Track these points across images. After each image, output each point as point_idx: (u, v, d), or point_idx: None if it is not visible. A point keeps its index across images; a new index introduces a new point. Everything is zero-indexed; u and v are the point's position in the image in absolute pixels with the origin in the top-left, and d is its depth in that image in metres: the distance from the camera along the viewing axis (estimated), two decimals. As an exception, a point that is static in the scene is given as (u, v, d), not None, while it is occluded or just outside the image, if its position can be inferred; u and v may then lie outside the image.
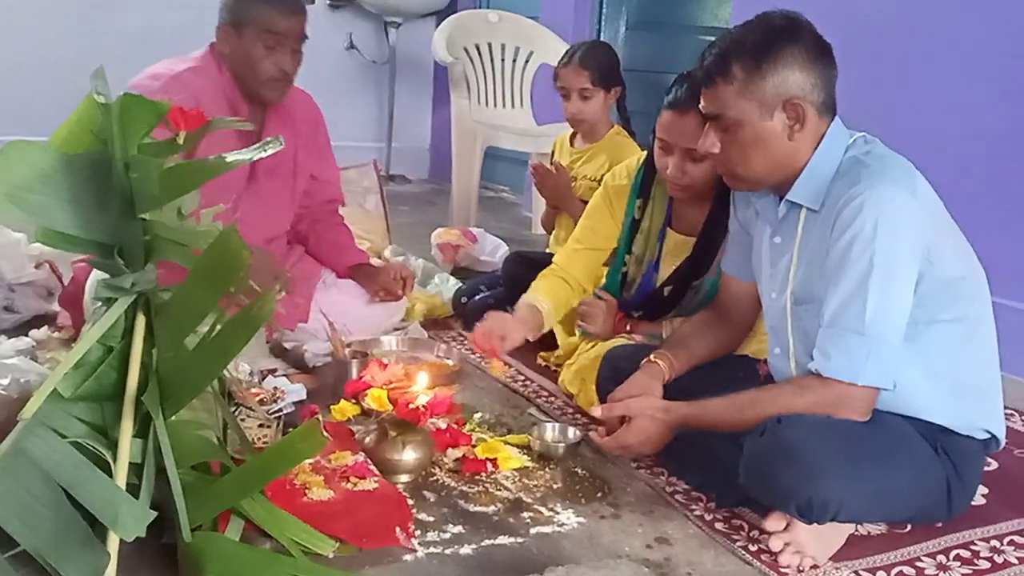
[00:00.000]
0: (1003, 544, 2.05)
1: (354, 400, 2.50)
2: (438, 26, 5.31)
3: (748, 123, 1.93)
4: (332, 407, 2.52)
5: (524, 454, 2.32)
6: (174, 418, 1.76)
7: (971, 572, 1.93)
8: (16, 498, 1.56)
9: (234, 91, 2.75)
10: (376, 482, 2.05)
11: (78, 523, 1.57)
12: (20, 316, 3.03)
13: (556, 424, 2.44)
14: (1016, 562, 1.98)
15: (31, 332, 2.86)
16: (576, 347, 2.83)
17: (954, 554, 1.99)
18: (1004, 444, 2.08)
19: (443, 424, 2.34)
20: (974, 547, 2.02)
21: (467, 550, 1.89)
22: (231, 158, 1.84)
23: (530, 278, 2.85)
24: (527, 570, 1.82)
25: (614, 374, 2.37)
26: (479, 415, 2.56)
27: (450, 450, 2.28)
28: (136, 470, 1.70)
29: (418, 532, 1.93)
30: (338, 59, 6.63)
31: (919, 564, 1.94)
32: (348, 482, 2.04)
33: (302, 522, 1.83)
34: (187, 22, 2.77)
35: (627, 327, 2.69)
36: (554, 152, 3.65)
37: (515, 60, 5.33)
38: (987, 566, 1.96)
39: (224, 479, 1.78)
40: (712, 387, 2.07)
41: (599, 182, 2.86)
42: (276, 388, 2.49)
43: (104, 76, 1.89)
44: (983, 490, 2.22)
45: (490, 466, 2.22)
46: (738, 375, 2.28)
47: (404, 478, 2.15)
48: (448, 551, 1.88)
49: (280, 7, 2.70)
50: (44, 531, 1.55)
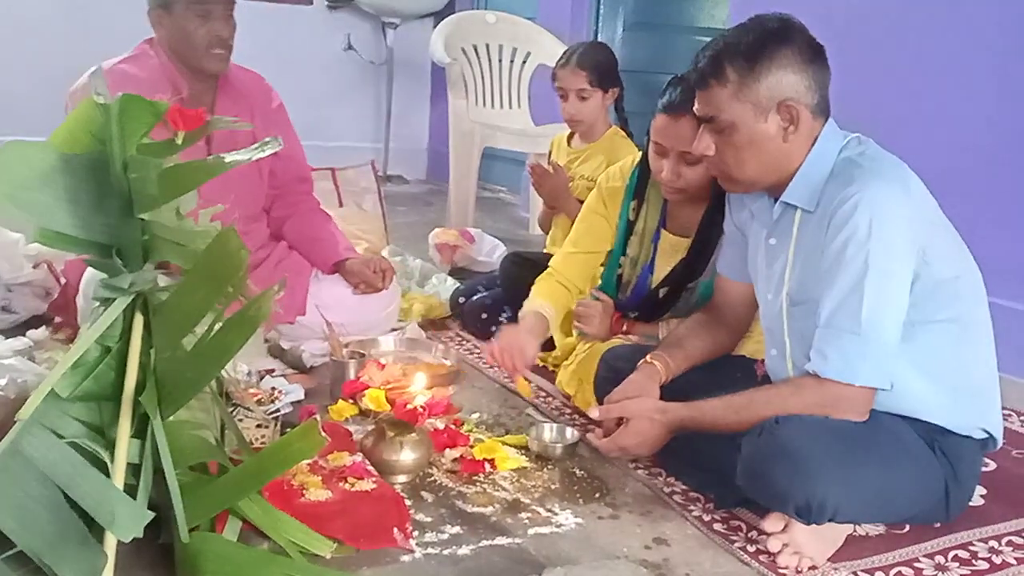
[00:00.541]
0: (1001, 545, 2.05)
1: (352, 400, 2.50)
2: (436, 27, 5.31)
3: (742, 125, 1.93)
4: (330, 407, 2.53)
5: (522, 455, 2.32)
6: (172, 418, 1.76)
7: (969, 573, 1.93)
8: (13, 498, 1.56)
9: (175, 73, 2.76)
10: (374, 482, 2.05)
11: (75, 523, 1.57)
12: (18, 316, 3.03)
13: (554, 425, 2.44)
14: (1015, 563, 1.98)
15: (28, 332, 2.86)
16: (573, 348, 2.82)
17: (952, 555, 1.99)
18: (1002, 444, 2.08)
19: (441, 424, 2.34)
20: (972, 548, 2.02)
21: (465, 551, 1.89)
22: (230, 158, 1.84)
23: (527, 278, 2.84)
24: (525, 571, 1.82)
25: (611, 375, 2.38)
26: (477, 415, 2.56)
27: (448, 451, 2.28)
28: (134, 470, 1.70)
29: (416, 533, 1.93)
30: (336, 60, 6.64)
31: (917, 565, 1.94)
32: (346, 482, 2.04)
33: (299, 523, 1.83)
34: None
35: (624, 328, 2.69)
36: (551, 152, 3.65)
37: (513, 61, 5.33)
38: (985, 567, 1.96)
39: (222, 479, 1.78)
40: (709, 388, 2.07)
41: (596, 182, 2.86)
42: (274, 388, 2.50)
43: (103, 77, 1.89)
44: (981, 491, 2.22)
45: (488, 467, 2.22)
46: (735, 376, 2.28)
47: (402, 478, 2.15)
48: (446, 552, 1.88)
49: None
50: (41, 531, 1.55)
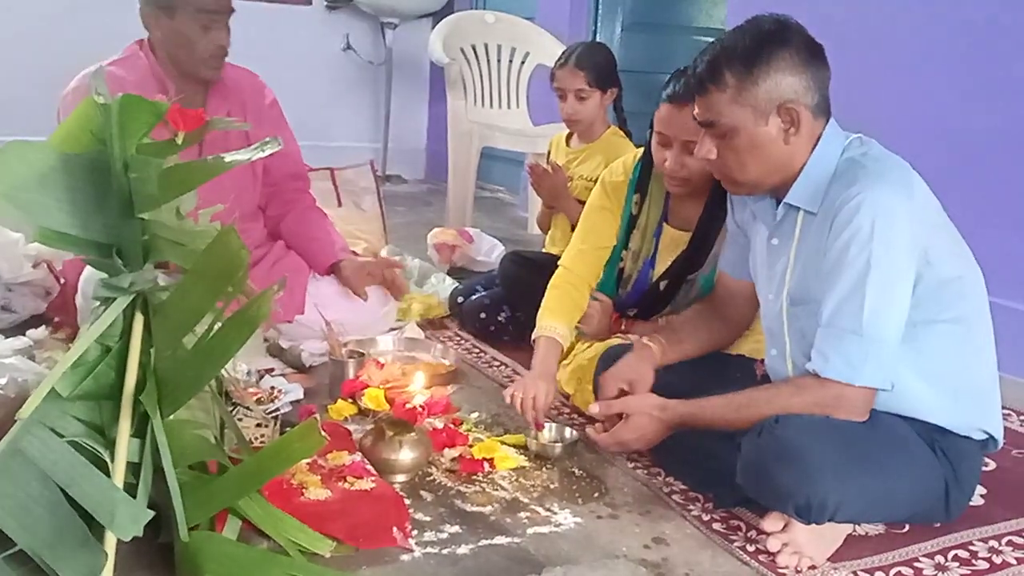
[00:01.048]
0: (1001, 544, 2.05)
1: (351, 400, 2.51)
2: (434, 27, 5.31)
3: (743, 129, 1.92)
4: (329, 407, 2.52)
5: (521, 454, 2.32)
6: (172, 417, 1.76)
7: (970, 572, 1.93)
8: (13, 497, 1.56)
9: (163, 76, 2.75)
10: (373, 482, 2.05)
11: (75, 522, 1.57)
12: (18, 316, 3.03)
13: (553, 424, 2.43)
14: (1015, 562, 1.98)
15: (29, 332, 2.85)
16: (572, 347, 2.82)
17: (952, 554, 1.99)
18: (1002, 444, 2.08)
19: (440, 424, 2.34)
20: (972, 547, 2.02)
21: (464, 550, 1.89)
22: (229, 158, 1.84)
23: (527, 277, 2.84)
24: (524, 570, 1.82)
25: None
26: (476, 415, 2.56)
27: (447, 450, 2.28)
28: (134, 469, 1.70)
29: (415, 532, 1.93)
30: (335, 60, 6.64)
31: (917, 564, 1.94)
32: (345, 482, 2.04)
33: (299, 522, 1.83)
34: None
35: (622, 327, 2.69)
36: (550, 152, 3.65)
37: (511, 61, 5.33)
38: (985, 567, 1.96)
39: (221, 479, 1.78)
40: (709, 387, 2.07)
41: (595, 182, 2.86)
42: (273, 388, 2.50)
43: (103, 77, 1.89)
44: (981, 490, 2.22)
45: (487, 466, 2.22)
46: (735, 375, 2.28)
47: (401, 478, 2.15)
48: (445, 551, 1.88)
49: None
50: (41, 530, 1.55)
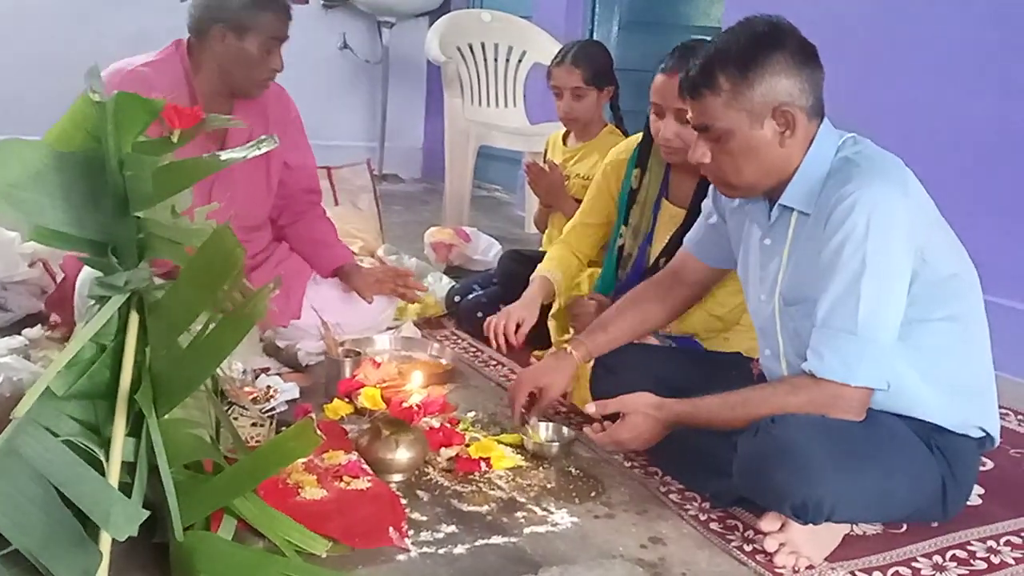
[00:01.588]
0: (1000, 544, 2.05)
1: (347, 399, 2.50)
2: (431, 26, 5.31)
3: (738, 133, 1.92)
4: (325, 406, 2.51)
5: (518, 453, 2.32)
6: (167, 417, 1.75)
7: (967, 572, 1.93)
8: (8, 497, 1.55)
9: (196, 85, 2.72)
10: (369, 481, 2.04)
11: (70, 522, 1.56)
12: (13, 315, 3.02)
13: (550, 423, 2.43)
14: (1013, 562, 1.98)
15: (24, 331, 2.85)
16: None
17: (950, 554, 1.99)
18: (999, 443, 2.08)
19: (436, 423, 2.33)
20: (970, 547, 2.02)
21: (460, 550, 1.88)
22: (225, 156, 1.83)
23: (527, 275, 2.85)
24: (521, 570, 1.82)
25: (607, 373, 2.38)
26: (472, 414, 2.55)
27: (443, 449, 2.27)
28: (129, 469, 1.69)
29: (411, 532, 1.93)
30: (332, 59, 6.63)
31: (915, 564, 1.94)
32: (341, 481, 2.03)
33: (295, 521, 1.83)
34: (180, 24, 2.75)
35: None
36: (547, 151, 3.65)
37: (508, 59, 5.33)
38: (983, 566, 1.96)
39: (217, 478, 1.77)
40: (706, 386, 2.07)
41: (592, 180, 2.87)
42: (269, 387, 2.49)
43: (99, 74, 1.88)
44: (979, 490, 2.22)
45: (483, 465, 2.21)
46: (731, 374, 2.28)
47: (397, 477, 2.15)
48: (441, 551, 1.87)
49: (284, 15, 2.70)
50: (36, 530, 1.54)
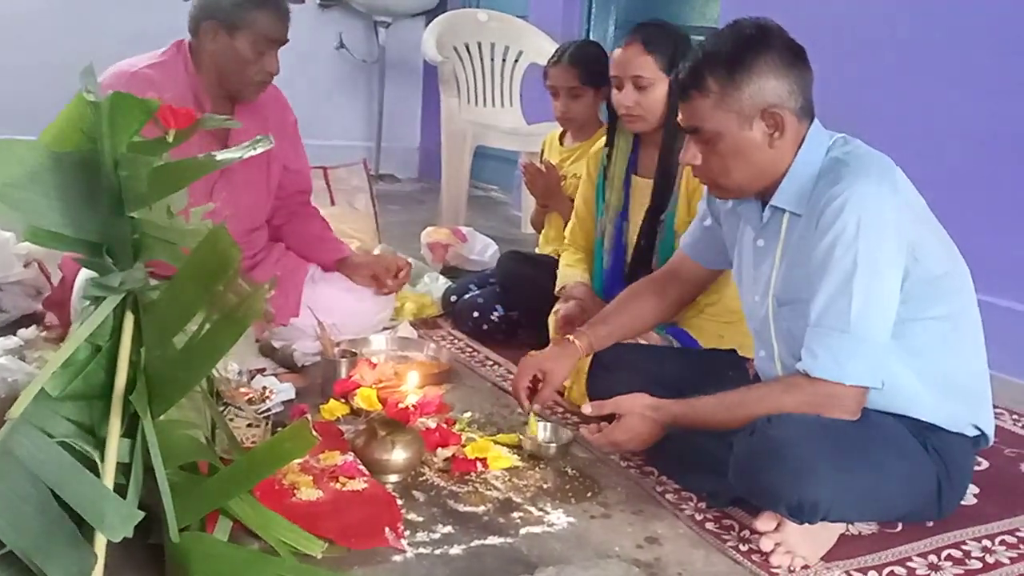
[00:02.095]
0: (994, 544, 2.05)
1: (343, 399, 2.50)
2: (428, 25, 5.31)
3: (727, 135, 1.93)
4: (321, 406, 2.51)
5: (514, 454, 2.32)
6: (162, 417, 1.75)
7: (963, 572, 1.93)
8: (2, 498, 1.55)
9: (199, 87, 2.72)
10: (365, 482, 2.04)
11: (65, 523, 1.56)
12: (8, 315, 3.01)
13: (546, 424, 2.43)
14: (1008, 562, 1.98)
15: (19, 331, 2.84)
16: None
17: (945, 554, 1.99)
18: (993, 442, 2.09)
19: (433, 423, 2.33)
20: (965, 547, 2.02)
21: (456, 550, 1.88)
22: (221, 156, 1.83)
23: (527, 275, 2.89)
24: (517, 570, 1.82)
25: (604, 372, 2.38)
26: (469, 414, 2.55)
27: (440, 450, 2.27)
28: (124, 470, 1.69)
29: (407, 532, 1.93)
30: (328, 58, 6.62)
31: (910, 564, 1.94)
32: (337, 482, 2.03)
33: (290, 522, 1.83)
34: (179, 24, 2.75)
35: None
36: (544, 151, 3.65)
37: (504, 59, 5.33)
38: (978, 566, 1.96)
39: (212, 479, 1.77)
40: (702, 386, 2.07)
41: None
42: (265, 387, 2.49)
43: (94, 74, 1.88)
44: (974, 490, 2.22)
45: (480, 466, 2.21)
46: (728, 374, 2.28)
47: (393, 478, 2.15)
48: (437, 551, 1.87)
49: (279, 15, 2.69)
50: (30, 531, 1.54)
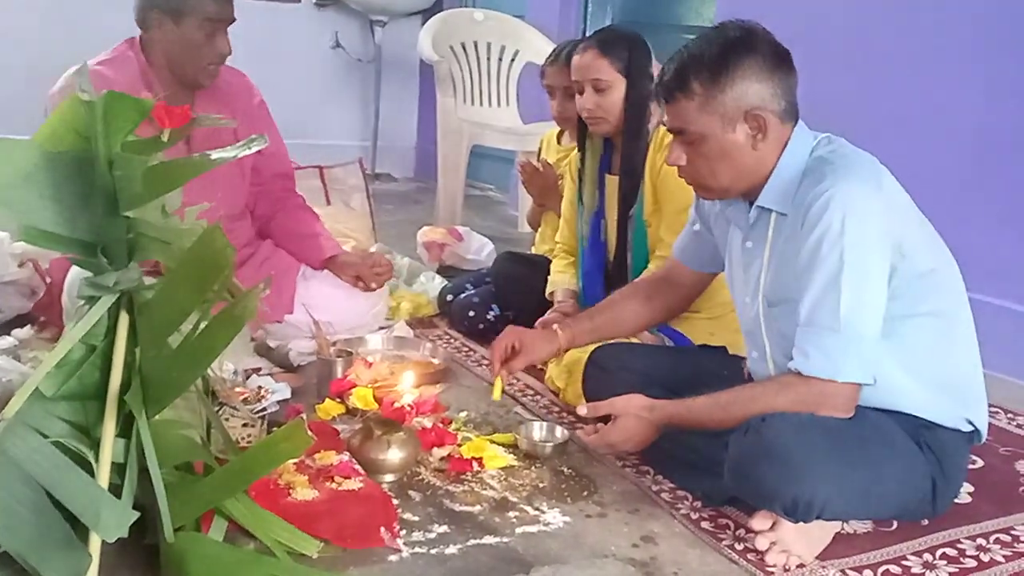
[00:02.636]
0: (989, 542, 2.05)
1: (339, 399, 2.50)
2: (424, 25, 5.31)
3: (712, 137, 1.94)
4: (317, 406, 2.51)
5: (510, 453, 2.32)
6: (157, 417, 1.75)
7: (957, 570, 1.93)
8: (-3, 498, 1.55)
9: (153, 78, 2.72)
10: (361, 482, 2.04)
11: (59, 524, 1.56)
12: (3, 315, 3.01)
13: (542, 423, 2.43)
14: (1002, 560, 1.98)
15: (13, 331, 2.84)
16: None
17: (940, 552, 1.99)
18: (987, 438, 2.09)
19: (428, 423, 2.33)
20: (960, 545, 2.03)
21: (452, 550, 1.88)
22: (215, 156, 1.83)
23: (523, 275, 2.89)
24: (513, 570, 1.82)
25: (599, 371, 2.39)
26: (465, 414, 2.55)
27: (435, 449, 2.27)
28: (119, 470, 1.69)
29: (403, 532, 1.93)
30: (324, 58, 6.63)
31: (905, 563, 1.94)
32: (332, 482, 2.03)
33: (286, 522, 1.83)
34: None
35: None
36: (541, 150, 3.65)
37: (501, 59, 5.33)
38: (973, 564, 1.96)
39: (207, 479, 1.77)
40: (697, 386, 2.07)
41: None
42: (260, 387, 2.49)
43: (87, 74, 1.88)
44: (968, 488, 2.23)
45: (476, 465, 2.22)
46: (722, 373, 2.28)
47: (389, 477, 2.14)
48: (433, 551, 1.87)
49: None
50: (25, 532, 1.54)
